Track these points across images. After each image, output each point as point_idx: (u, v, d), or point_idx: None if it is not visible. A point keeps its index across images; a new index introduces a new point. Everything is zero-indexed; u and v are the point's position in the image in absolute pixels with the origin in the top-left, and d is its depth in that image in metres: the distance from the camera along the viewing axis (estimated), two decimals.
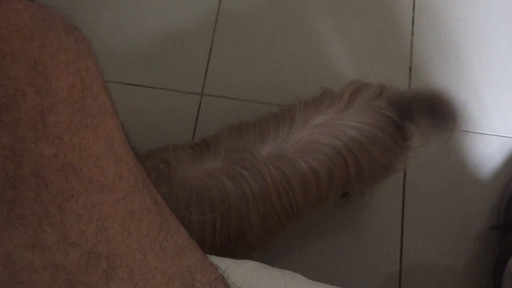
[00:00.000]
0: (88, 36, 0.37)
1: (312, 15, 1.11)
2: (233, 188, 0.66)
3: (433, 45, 1.08)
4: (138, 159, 0.36)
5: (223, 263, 0.39)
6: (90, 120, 0.31)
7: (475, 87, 1.05)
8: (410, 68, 1.07)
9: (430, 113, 0.70)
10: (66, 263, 0.28)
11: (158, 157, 0.71)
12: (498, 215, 0.95)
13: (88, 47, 0.35)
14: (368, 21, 1.10)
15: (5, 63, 0.29)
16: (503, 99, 1.04)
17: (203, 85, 1.05)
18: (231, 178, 0.67)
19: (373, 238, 0.95)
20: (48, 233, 0.28)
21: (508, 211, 0.92)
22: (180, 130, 1.02)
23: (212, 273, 0.36)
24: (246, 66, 1.07)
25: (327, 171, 0.68)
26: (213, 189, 0.66)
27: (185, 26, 1.10)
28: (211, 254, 0.38)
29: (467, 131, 1.01)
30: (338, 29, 1.10)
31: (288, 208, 0.69)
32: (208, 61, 1.08)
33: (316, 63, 1.07)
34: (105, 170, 0.31)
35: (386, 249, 0.95)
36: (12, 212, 0.28)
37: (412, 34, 1.09)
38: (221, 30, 1.10)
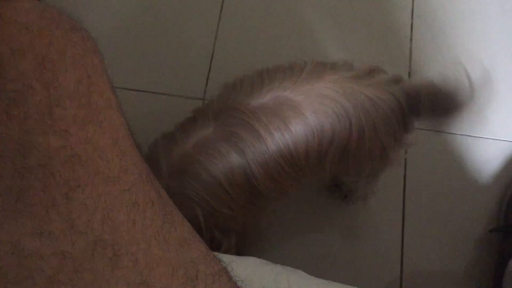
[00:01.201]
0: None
1: (311, 25, 1.13)
2: (231, 154, 0.67)
3: (432, 51, 1.09)
4: (141, 155, 0.37)
5: (227, 258, 0.40)
6: (96, 115, 0.32)
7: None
8: (409, 73, 1.08)
9: (436, 109, 0.71)
10: (73, 251, 0.29)
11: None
12: (498, 218, 0.96)
13: (94, 45, 0.36)
14: (368, 29, 1.12)
15: (14, 59, 0.30)
16: (502, 103, 1.05)
17: (205, 90, 1.06)
18: (226, 141, 0.67)
19: (374, 243, 0.96)
20: (55, 221, 0.28)
21: (507, 214, 0.93)
22: None
23: (216, 265, 0.37)
24: (250, 70, 1.07)
25: (331, 127, 0.68)
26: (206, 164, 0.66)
27: (186, 30, 1.12)
28: None
29: (467, 135, 1.02)
30: (338, 38, 1.11)
31: (291, 169, 0.69)
32: (210, 65, 1.09)
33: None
34: (110, 162, 0.32)
35: (387, 254, 0.95)
36: (20, 202, 0.28)
37: (411, 40, 1.10)
38: (223, 35, 1.11)
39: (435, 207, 0.98)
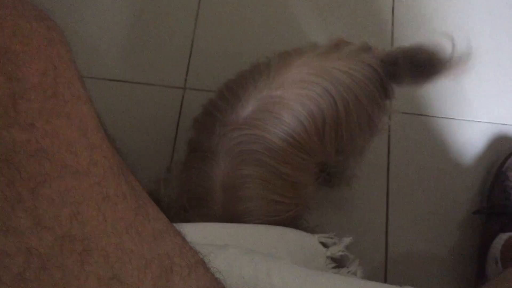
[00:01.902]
0: (66, 31, 0.37)
1: (292, 10, 1.12)
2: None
3: (413, 33, 1.09)
4: (114, 147, 0.36)
5: (205, 248, 0.39)
6: (62, 107, 0.31)
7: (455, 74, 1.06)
8: None
9: (414, 68, 0.71)
10: (40, 247, 0.28)
11: None
12: (481, 200, 0.96)
13: (60, 35, 0.35)
14: (349, 12, 1.11)
15: None
16: (484, 85, 1.05)
17: (186, 79, 1.05)
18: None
19: (358, 227, 0.96)
20: (21, 218, 0.28)
21: (490, 196, 0.93)
22: (163, 125, 1.02)
23: (192, 257, 0.37)
24: (230, 58, 1.07)
25: (318, 108, 0.68)
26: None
27: (165, 18, 1.10)
28: None
29: (449, 118, 1.03)
30: (319, 22, 1.11)
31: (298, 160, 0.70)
32: (190, 54, 1.07)
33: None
34: (79, 155, 0.31)
35: (372, 238, 0.95)
36: None
37: (393, 24, 1.10)
38: (203, 22, 1.10)
39: (419, 190, 0.99)
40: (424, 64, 0.72)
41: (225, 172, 0.67)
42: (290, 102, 0.68)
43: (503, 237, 0.84)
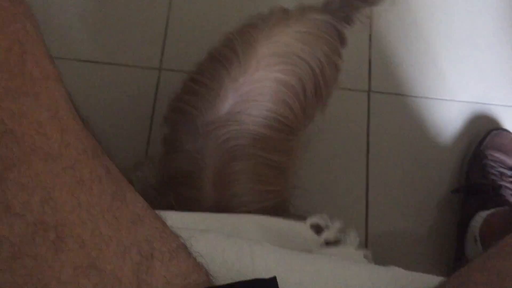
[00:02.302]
0: (33, 9, 0.35)
1: None
2: None
3: (392, 13, 1.08)
4: (88, 128, 0.34)
5: (186, 233, 0.38)
6: (31, 86, 0.29)
7: (433, 53, 1.06)
8: (370, 36, 1.07)
9: None
10: (10, 235, 0.26)
11: None
12: (460, 178, 0.97)
13: (26, 9, 0.32)
14: None
15: None
16: (461, 65, 1.05)
17: (161, 60, 1.02)
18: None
19: (338, 206, 0.96)
20: None
21: (468, 174, 0.94)
22: (139, 108, 0.99)
23: (173, 241, 0.35)
24: (208, 36, 1.04)
25: (298, 79, 0.68)
26: None
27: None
28: None
29: (427, 98, 1.02)
30: None
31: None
32: (165, 32, 1.04)
33: None
34: (50, 137, 0.29)
35: (352, 217, 0.95)
36: None
37: None
38: (178, 1, 1.07)
39: (398, 170, 0.99)
40: None
41: (215, 171, 0.66)
42: (269, 83, 0.66)
43: (482, 215, 0.84)
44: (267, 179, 0.69)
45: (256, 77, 0.66)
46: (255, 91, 0.66)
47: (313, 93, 0.71)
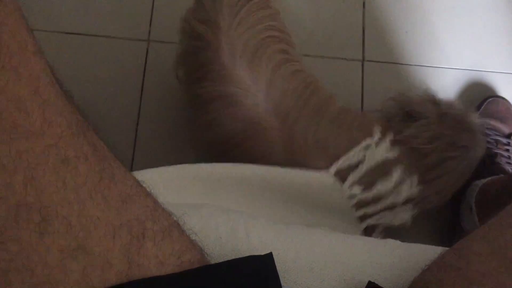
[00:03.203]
0: None
1: None
2: None
3: None
4: (72, 103, 0.33)
5: (179, 209, 0.37)
6: (7, 59, 0.27)
7: (428, 21, 1.03)
8: (364, 3, 1.04)
9: None
10: None
11: None
12: None
13: None
14: None
15: None
16: (456, 32, 1.03)
17: (149, 31, 0.99)
18: None
19: None
20: None
21: None
22: (127, 80, 0.97)
23: (165, 219, 0.34)
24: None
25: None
26: None
27: None
28: None
29: (422, 65, 1.01)
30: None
31: None
32: (153, 2, 1.01)
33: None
34: (31, 114, 0.27)
35: None
36: None
37: None
38: None
39: None
40: None
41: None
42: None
43: (478, 184, 0.84)
44: None
45: None
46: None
47: None
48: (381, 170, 0.65)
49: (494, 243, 0.38)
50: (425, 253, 0.45)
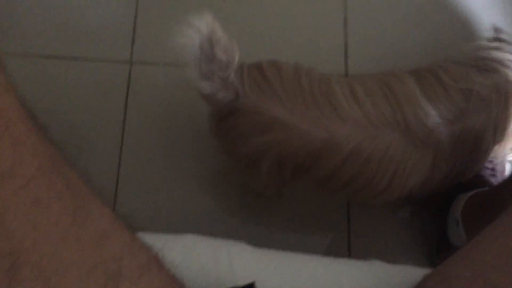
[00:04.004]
0: None
1: None
2: None
3: None
4: (45, 138, 0.32)
5: (160, 241, 0.36)
6: None
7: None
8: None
9: None
10: None
11: None
12: None
13: None
14: None
15: None
16: None
17: (132, 52, 0.99)
18: None
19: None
20: None
21: None
22: (110, 104, 0.96)
23: (144, 254, 0.33)
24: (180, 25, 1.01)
25: None
26: None
27: None
28: None
29: None
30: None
31: None
32: (135, 23, 1.01)
33: (254, 22, 1.03)
34: (0, 155, 0.27)
35: (333, 217, 0.94)
36: None
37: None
38: None
39: None
40: None
41: None
42: None
43: (463, 197, 0.84)
44: None
45: None
46: None
47: None
48: None
49: (475, 265, 0.38)
50: (410, 275, 0.45)
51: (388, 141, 0.67)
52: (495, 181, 0.85)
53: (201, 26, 0.60)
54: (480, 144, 0.72)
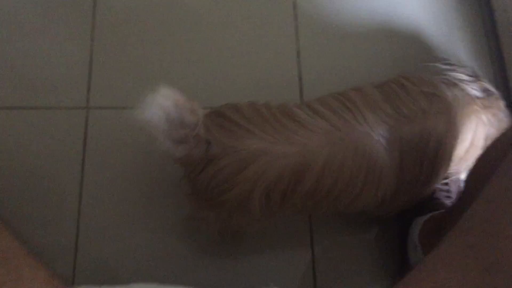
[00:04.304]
0: None
1: (197, 12, 1.09)
2: None
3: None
4: None
5: None
6: None
7: None
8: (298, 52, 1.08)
9: None
10: None
11: None
12: None
13: None
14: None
15: None
16: None
17: (88, 98, 0.99)
18: None
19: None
20: None
21: None
22: (68, 152, 0.95)
23: None
24: (134, 69, 1.02)
25: None
26: None
27: (59, 29, 1.04)
28: None
29: None
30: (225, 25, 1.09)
31: None
32: (90, 68, 1.02)
33: (208, 64, 1.05)
34: None
35: (296, 234, 0.95)
36: None
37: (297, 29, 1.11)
38: (101, 34, 1.05)
39: None
40: None
41: None
42: None
43: (419, 221, 0.86)
44: None
45: None
46: None
47: None
48: None
49: None
50: None
51: (355, 141, 0.71)
52: (450, 202, 0.87)
53: (161, 100, 0.64)
54: (442, 148, 0.76)
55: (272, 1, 1.13)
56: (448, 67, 0.84)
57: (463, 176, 0.87)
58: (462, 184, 0.91)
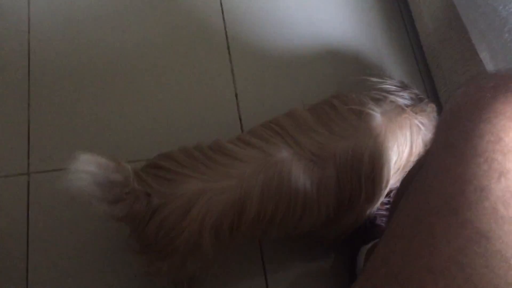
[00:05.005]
0: None
1: (131, 64, 1.11)
2: None
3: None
4: None
5: None
6: None
7: None
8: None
9: None
10: None
11: None
12: None
13: None
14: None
15: None
16: None
17: (28, 163, 0.99)
18: None
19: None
20: None
21: None
22: (11, 219, 0.95)
23: None
24: (72, 130, 1.03)
25: None
26: None
27: None
28: None
29: None
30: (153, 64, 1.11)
31: None
32: (29, 134, 1.01)
33: (148, 115, 1.07)
34: None
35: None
36: None
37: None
38: (37, 98, 1.05)
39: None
40: None
41: None
42: None
43: (363, 250, 0.87)
44: None
45: None
46: None
47: None
48: None
49: None
50: None
51: (288, 164, 0.73)
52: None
53: (83, 166, 0.64)
54: (377, 162, 0.78)
55: (208, 47, 1.16)
56: (379, 80, 0.87)
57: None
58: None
